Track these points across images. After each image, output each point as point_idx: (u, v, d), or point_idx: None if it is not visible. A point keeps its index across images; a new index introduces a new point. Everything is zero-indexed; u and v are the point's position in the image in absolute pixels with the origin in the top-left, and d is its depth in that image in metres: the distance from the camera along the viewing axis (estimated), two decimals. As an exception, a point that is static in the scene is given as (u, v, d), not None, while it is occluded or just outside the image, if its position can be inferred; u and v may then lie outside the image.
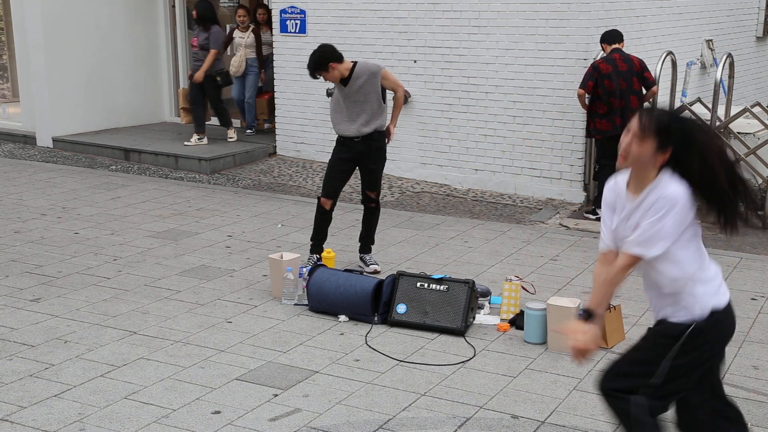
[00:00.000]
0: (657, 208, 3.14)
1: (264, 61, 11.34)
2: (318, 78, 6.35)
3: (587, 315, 3.27)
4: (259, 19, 11.35)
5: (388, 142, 6.50)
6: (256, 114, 11.50)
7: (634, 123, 3.19)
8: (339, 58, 6.19)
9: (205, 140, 10.83)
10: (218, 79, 10.61)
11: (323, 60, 6.15)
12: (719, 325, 3.25)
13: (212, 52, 10.39)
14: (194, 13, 10.55)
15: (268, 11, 11.23)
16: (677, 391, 3.30)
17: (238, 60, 11.12)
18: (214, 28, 10.49)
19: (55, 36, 11.14)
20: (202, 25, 10.48)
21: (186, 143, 10.81)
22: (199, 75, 10.45)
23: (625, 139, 3.21)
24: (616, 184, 3.35)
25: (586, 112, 8.17)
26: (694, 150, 3.15)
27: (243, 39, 11.12)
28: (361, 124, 6.29)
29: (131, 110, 12.13)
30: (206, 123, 11.01)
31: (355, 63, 6.27)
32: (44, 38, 11.06)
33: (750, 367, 4.97)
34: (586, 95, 7.99)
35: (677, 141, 3.16)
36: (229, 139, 11.02)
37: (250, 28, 11.18)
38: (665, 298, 3.28)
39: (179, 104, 11.31)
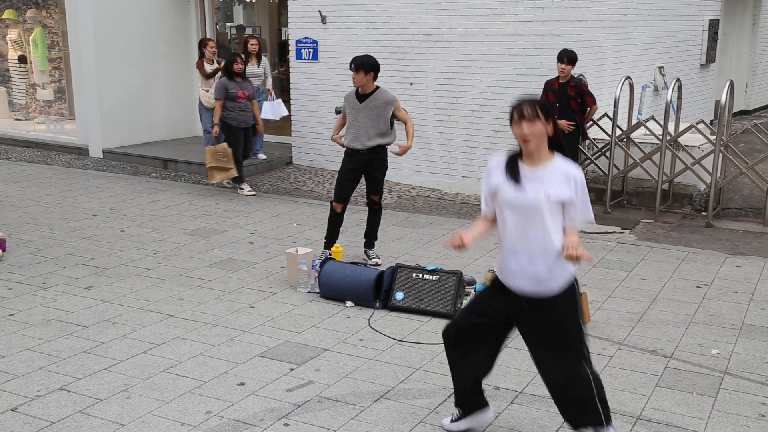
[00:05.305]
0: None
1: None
2: (351, 69, 6.22)
3: None
4: (250, 50, 10.00)
5: (400, 154, 6.38)
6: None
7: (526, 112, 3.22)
8: (377, 76, 6.33)
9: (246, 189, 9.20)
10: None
11: (377, 69, 6.24)
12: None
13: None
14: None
15: (260, 42, 10.39)
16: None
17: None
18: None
19: (105, 64, 11.12)
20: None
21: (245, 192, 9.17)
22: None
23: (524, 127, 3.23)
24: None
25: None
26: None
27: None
28: (365, 139, 6.28)
29: (169, 126, 12.09)
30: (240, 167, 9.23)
31: (377, 87, 6.30)
32: (96, 66, 11.05)
33: (695, 344, 4.96)
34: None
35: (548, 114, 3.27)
36: (248, 192, 9.13)
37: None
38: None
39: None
